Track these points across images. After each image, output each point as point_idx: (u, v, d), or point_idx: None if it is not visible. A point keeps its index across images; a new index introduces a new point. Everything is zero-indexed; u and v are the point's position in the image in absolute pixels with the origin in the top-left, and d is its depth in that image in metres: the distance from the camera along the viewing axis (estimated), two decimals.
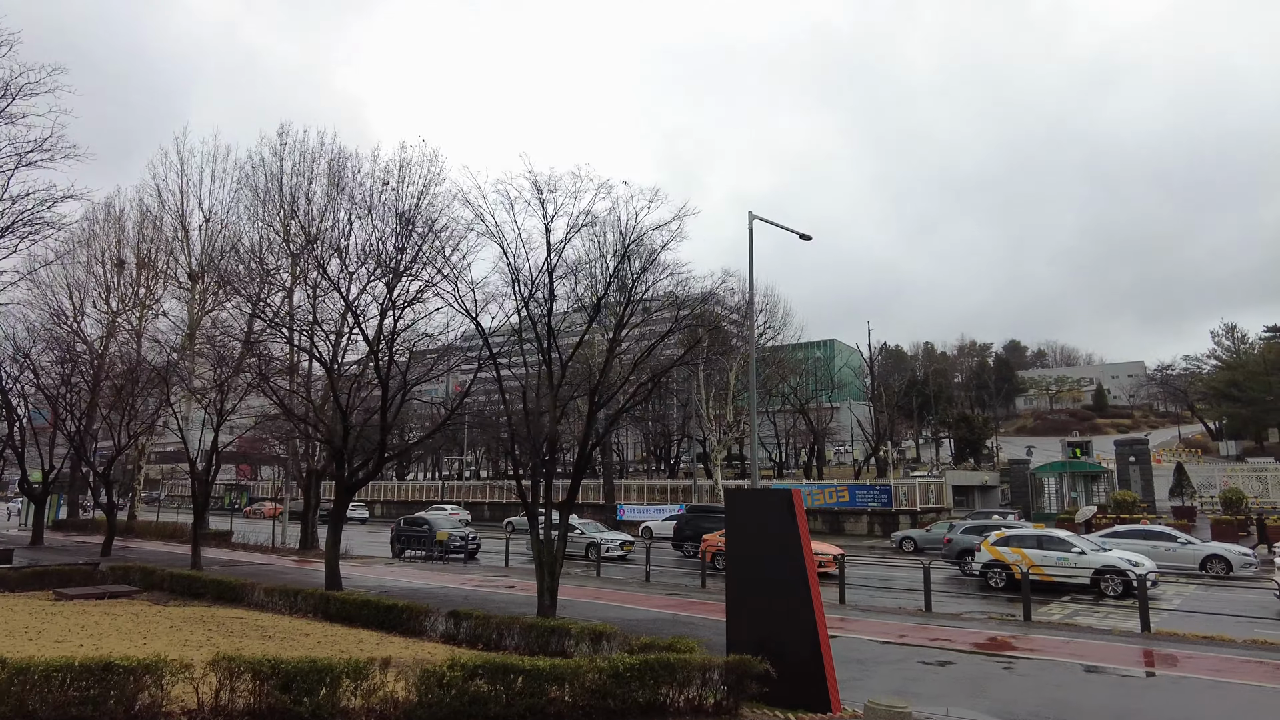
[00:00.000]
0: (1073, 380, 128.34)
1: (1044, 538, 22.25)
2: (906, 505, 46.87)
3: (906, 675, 11.34)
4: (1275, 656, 12.76)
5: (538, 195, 14.54)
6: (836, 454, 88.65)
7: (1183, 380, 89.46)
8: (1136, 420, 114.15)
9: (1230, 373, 73.06)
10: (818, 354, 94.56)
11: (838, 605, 18.77)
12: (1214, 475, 48.99)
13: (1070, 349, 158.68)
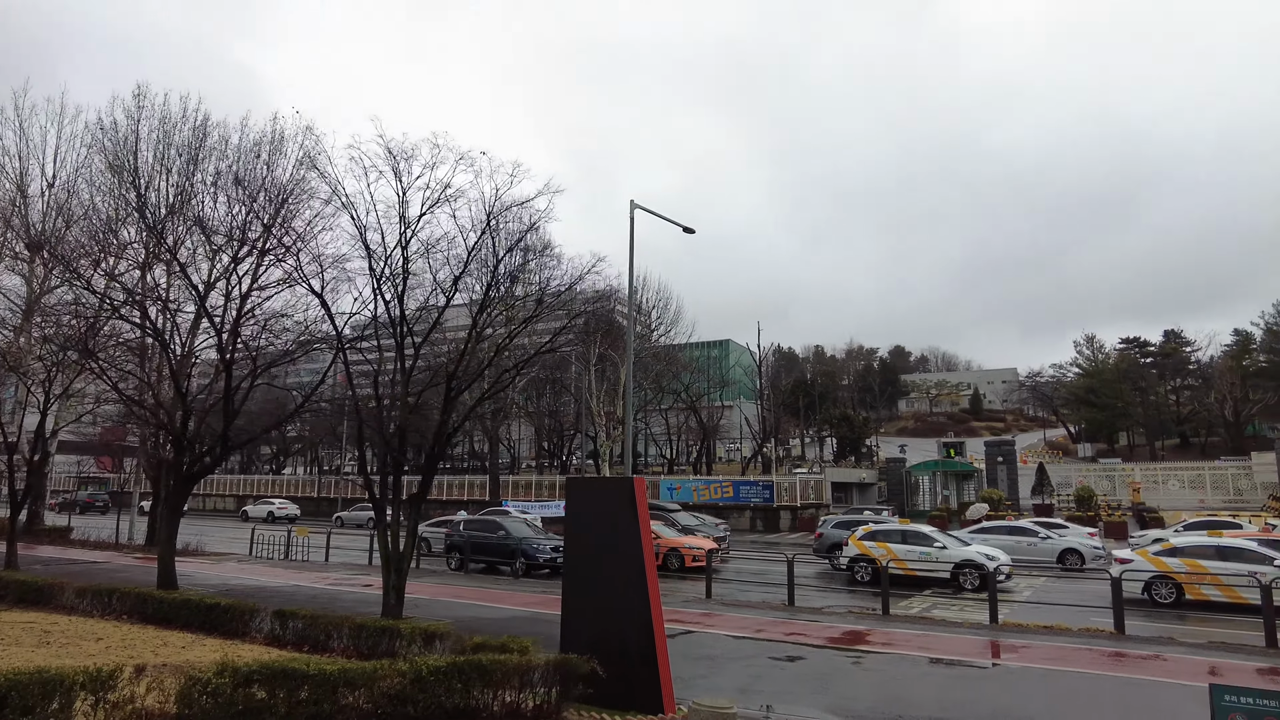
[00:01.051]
0: (951, 385, 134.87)
1: (908, 532, 22.74)
2: (788, 501, 47.80)
3: (753, 672, 11.03)
4: (1103, 644, 13.19)
5: (391, 163, 13.53)
6: (728, 451, 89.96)
7: (1049, 387, 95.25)
8: (1008, 423, 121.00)
9: (1089, 380, 78.23)
10: (713, 353, 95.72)
11: (704, 600, 18.54)
12: (1071, 475, 52.09)
13: (950, 355, 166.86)
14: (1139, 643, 13.38)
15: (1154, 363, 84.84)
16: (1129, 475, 49.31)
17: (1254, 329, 77.61)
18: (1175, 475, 49.50)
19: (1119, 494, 48.41)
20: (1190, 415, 76.67)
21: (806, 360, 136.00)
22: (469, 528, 26.90)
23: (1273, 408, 69.58)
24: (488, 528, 26.54)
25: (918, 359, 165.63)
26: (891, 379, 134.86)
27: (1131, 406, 73.63)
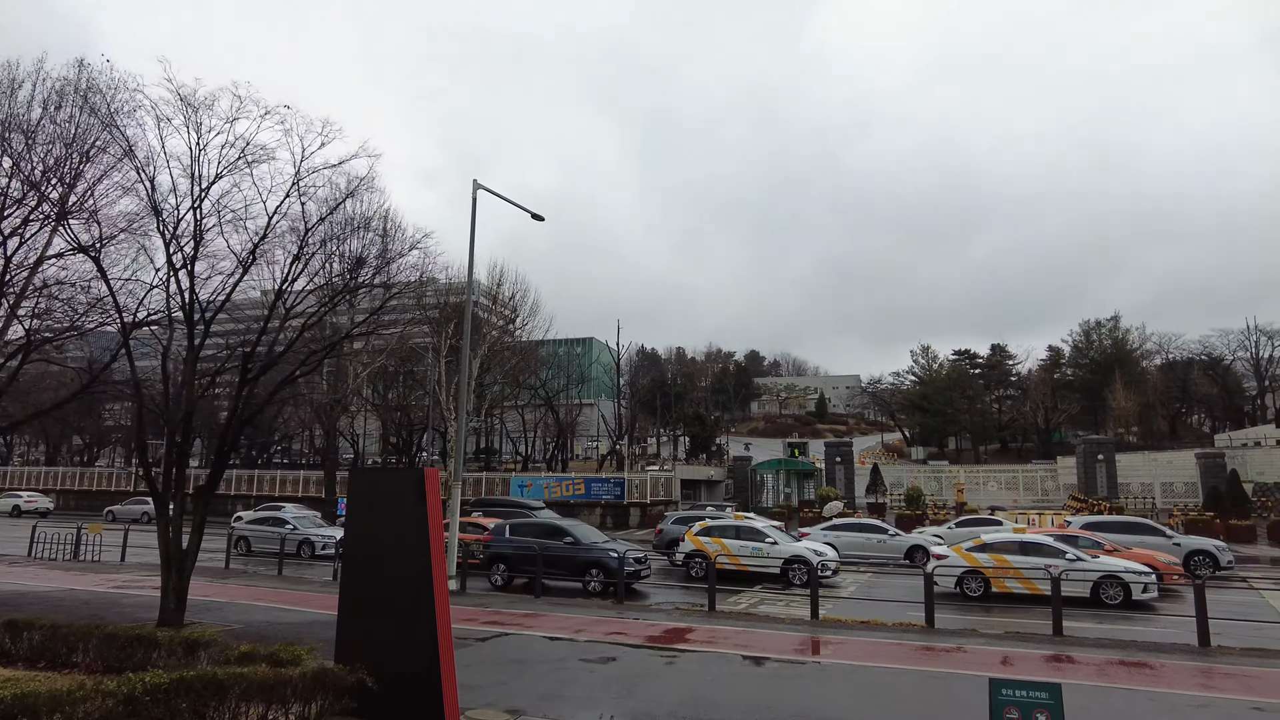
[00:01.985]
0: (799, 389, 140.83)
1: (741, 528, 22.95)
2: (638, 498, 47.94)
3: (561, 676, 10.41)
4: (913, 638, 13.54)
5: (183, 112, 11.96)
6: (585, 450, 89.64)
7: (888, 393, 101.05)
8: (850, 426, 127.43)
9: (923, 388, 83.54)
10: (577, 350, 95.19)
11: (531, 600, 17.83)
12: (903, 476, 55.13)
13: (801, 361, 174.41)
14: (945, 635, 13.82)
15: (981, 373, 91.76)
16: (954, 477, 52.72)
17: (1064, 345, 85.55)
18: (994, 477, 53.44)
19: (945, 494, 51.65)
20: (1009, 422, 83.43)
21: (668, 361, 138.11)
22: (517, 532, 21.40)
23: (1076, 417, 76.83)
24: (544, 532, 21.07)
25: (771, 363, 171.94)
26: (745, 382, 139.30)
27: (960, 413, 79.21)
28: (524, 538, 20.75)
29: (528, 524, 22.42)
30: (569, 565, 19.70)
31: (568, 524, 22.06)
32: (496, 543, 20.98)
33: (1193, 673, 10.91)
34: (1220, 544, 24.42)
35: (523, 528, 21.75)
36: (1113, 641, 13.41)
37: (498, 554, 20.57)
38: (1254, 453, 48.02)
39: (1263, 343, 76.49)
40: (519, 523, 22.67)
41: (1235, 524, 36.48)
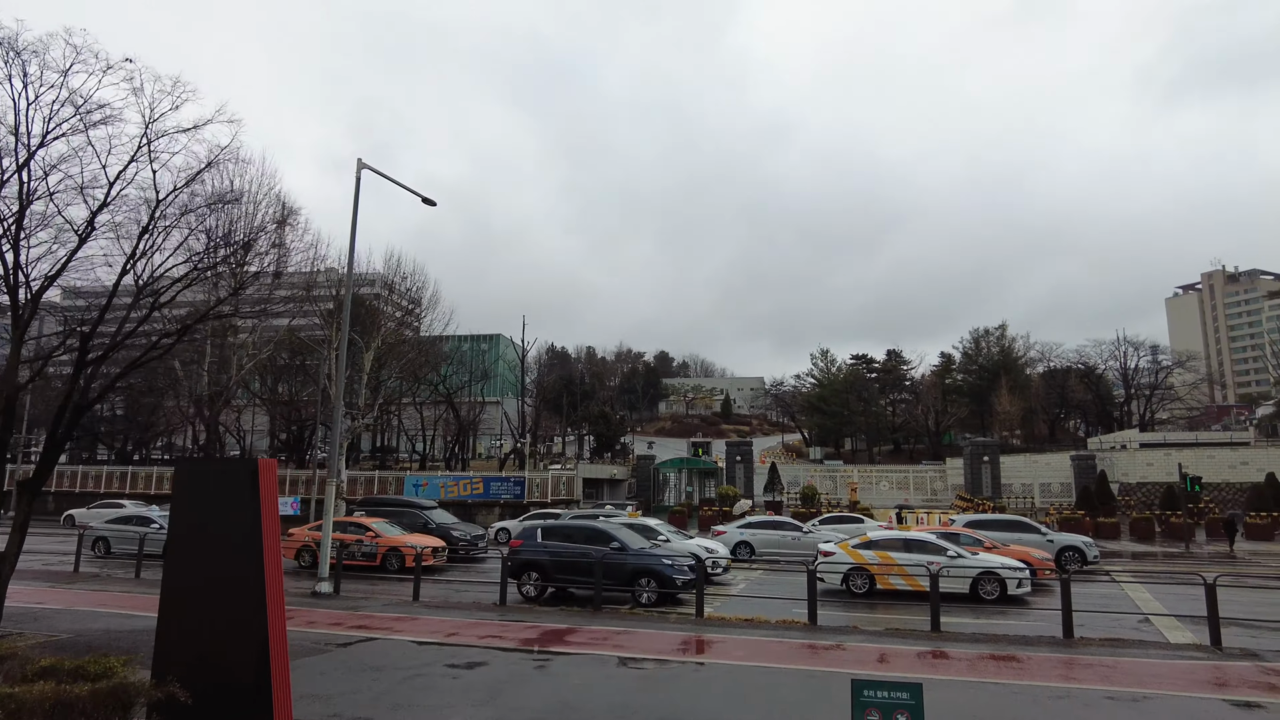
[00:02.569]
0: (706, 390, 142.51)
1: (634, 527, 22.59)
2: (539, 497, 47.16)
3: (421, 683, 9.74)
4: (795, 635, 13.44)
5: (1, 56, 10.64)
6: (488, 449, 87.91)
7: (789, 395, 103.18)
8: (754, 427, 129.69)
9: (822, 390, 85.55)
10: (484, 346, 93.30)
11: (409, 603, 16.97)
12: (800, 475, 56.18)
13: (709, 362, 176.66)
14: (827, 633, 13.79)
15: (878, 377, 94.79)
16: (849, 476, 54.10)
17: (955, 351, 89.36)
18: (886, 477, 55.16)
19: (840, 493, 52.91)
20: (902, 425, 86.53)
21: (578, 360, 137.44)
22: (552, 536, 18.64)
23: (965, 420, 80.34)
24: (584, 536, 18.52)
25: (680, 364, 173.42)
26: (654, 382, 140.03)
27: (855, 415, 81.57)
28: (560, 542, 18.38)
29: (565, 527, 19.71)
30: (617, 574, 17.22)
31: (610, 527, 19.56)
32: (527, 549, 18.38)
33: (1056, 664, 11.14)
34: (1088, 540, 25.68)
35: (558, 531, 19.14)
36: (986, 636, 13.67)
37: (530, 561, 18.02)
38: (1120, 455, 51.16)
39: (1130, 353, 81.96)
40: (554, 525, 19.94)
41: (1103, 521, 38.66)
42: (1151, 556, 30.04)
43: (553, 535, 18.76)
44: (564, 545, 18.16)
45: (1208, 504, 40.69)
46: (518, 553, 18.31)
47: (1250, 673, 10.79)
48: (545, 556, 17.95)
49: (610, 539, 18.15)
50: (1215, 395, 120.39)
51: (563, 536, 18.64)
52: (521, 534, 19.31)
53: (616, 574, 17.22)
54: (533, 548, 18.35)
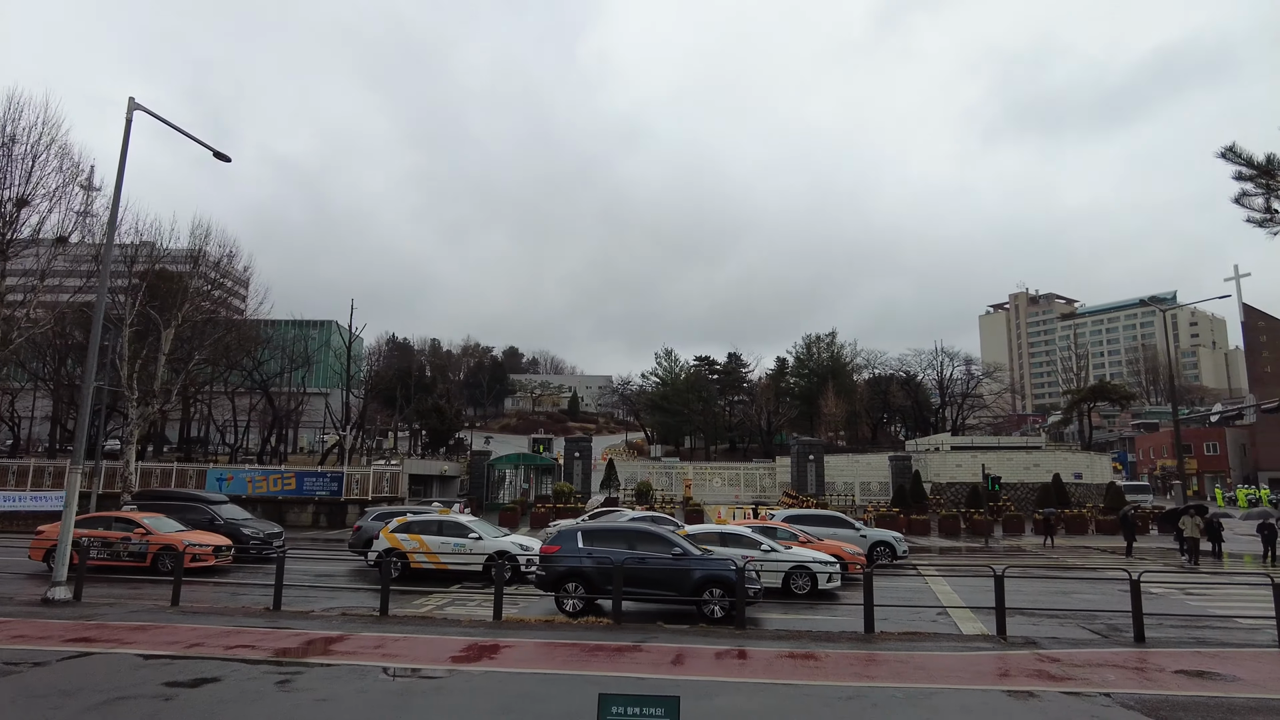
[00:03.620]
0: (553, 387, 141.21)
1: (445, 523, 21.11)
2: (359, 494, 44.13)
3: (115, 710, 7.92)
4: (594, 636, 12.47)
5: None
6: (313, 442, 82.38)
7: (635, 394, 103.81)
8: (600, 425, 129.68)
9: (664, 389, 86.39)
10: (313, 333, 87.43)
11: (165, 609, 14.66)
12: (638, 472, 56.10)
13: (559, 359, 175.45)
14: (630, 632, 12.94)
15: (718, 379, 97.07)
16: (684, 473, 54.53)
17: (789, 356, 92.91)
18: (719, 474, 56.06)
19: (675, 489, 53.24)
20: (738, 424, 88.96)
21: (422, 352, 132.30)
22: (596, 540, 16.00)
23: (795, 421, 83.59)
24: (638, 538, 16.06)
25: (529, 361, 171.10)
26: (501, 378, 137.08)
27: (696, 414, 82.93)
28: (609, 547, 15.65)
29: (613, 530, 17.04)
30: (679, 584, 15.05)
31: (664, 530, 17.24)
32: (565, 554, 15.69)
33: (852, 661, 10.79)
34: (899, 535, 26.62)
35: (605, 535, 16.47)
36: (790, 633, 13.30)
37: (574, 570, 15.41)
38: (933, 456, 54.56)
39: (946, 363, 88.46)
40: (599, 528, 17.30)
41: (915, 518, 40.81)
42: (956, 551, 31.73)
43: (598, 540, 16.05)
44: (613, 552, 15.42)
45: (1006, 502, 43.91)
46: (551, 560, 15.69)
47: (1028, 661, 10.89)
48: (591, 565, 15.23)
49: (668, 543, 15.82)
50: (1016, 404, 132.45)
51: (611, 541, 16.00)
52: (557, 539, 16.67)
53: (680, 584, 15.05)
54: (571, 554, 15.65)
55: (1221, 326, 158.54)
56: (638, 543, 15.71)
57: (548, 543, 16.52)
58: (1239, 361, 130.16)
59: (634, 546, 15.54)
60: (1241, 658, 11.59)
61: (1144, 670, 10.47)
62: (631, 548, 15.50)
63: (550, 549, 16.05)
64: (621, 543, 15.77)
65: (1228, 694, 9.15)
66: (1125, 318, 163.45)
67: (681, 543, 15.89)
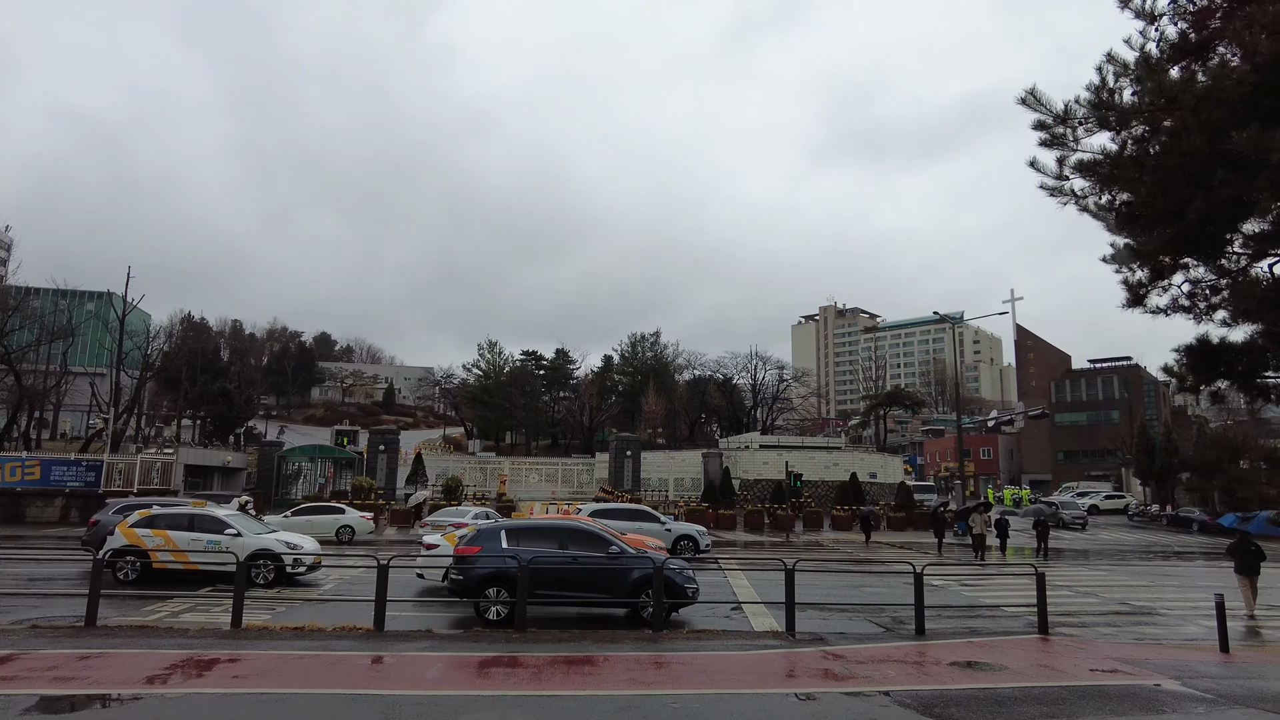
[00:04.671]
0: (368, 377, 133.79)
1: (199, 517, 18.29)
2: (121, 485, 38.89)
3: None
4: (346, 646, 10.78)
5: None
6: (75, 427, 72.48)
7: (455, 387, 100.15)
8: (418, 419, 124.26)
9: (486, 382, 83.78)
10: (89, 306, 77.26)
11: None
12: (450, 467, 53.55)
13: (377, 349, 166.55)
14: (391, 640, 11.33)
15: (545, 375, 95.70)
16: (499, 468, 52.69)
17: (614, 354, 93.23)
18: (536, 470, 54.66)
19: (490, 485, 51.29)
20: (561, 420, 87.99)
21: (220, 334, 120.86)
22: (521, 539, 14.29)
23: (617, 418, 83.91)
24: (570, 537, 14.48)
25: (343, 348, 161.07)
26: (309, 364, 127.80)
27: (518, 409, 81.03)
28: (538, 547, 14.04)
29: (542, 528, 15.56)
30: (614, 586, 13.66)
31: (595, 528, 15.63)
32: (487, 555, 13.84)
33: (633, 666, 9.86)
34: (702, 529, 26.52)
35: (532, 533, 14.91)
36: (569, 635, 12.23)
37: (497, 573, 13.52)
38: (743, 454, 56.16)
39: (759, 366, 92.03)
40: (526, 526, 15.98)
41: (723, 513, 41.54)
42: (760, 545, 32.28)
43: (523, 539, 14.44)
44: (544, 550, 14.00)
45: (808, 499, 45.73)
46: (469, 562, 13.71)
47: (814, 660, 10.46)
48: (507, 565, 13.49)
49: (603, 541, 14.43)
50: (822, 409, 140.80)
51: (540, 540, 14.47)
52: (476, 538, 14.63)
53: (614, 584, 13.70)
54: (494, 554, 13.85)
55: (999, 345, 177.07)
56: (570, 542, 14.38)
57: (466, 543, 14.71)
58: (1011, 376, 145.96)
59: (565, 546, 14.23)
60: (1008, 646, 11.84)
61: (922, 664, 10.32)
62: (563, 547, 14.19)
63: (468, 549, 14.22)
64: (552, 541, 14.39)
65: (996, 684, 9.05)
66: (920, 333, 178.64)
67: (618, 541, 14.63)
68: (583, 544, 14.33)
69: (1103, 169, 7.06)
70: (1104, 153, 7.15)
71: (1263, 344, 9.40)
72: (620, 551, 14.02)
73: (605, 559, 13.86)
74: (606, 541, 14.37)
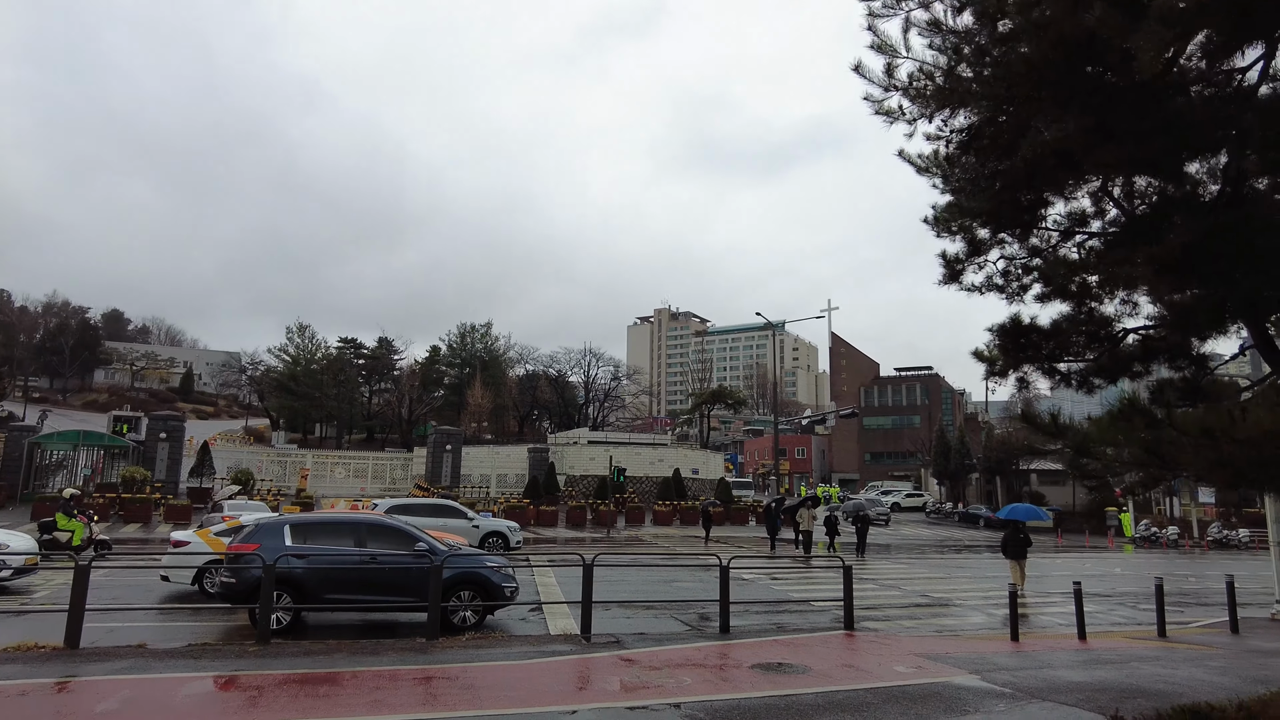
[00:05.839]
0: (163, 360, 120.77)
1: None
2: None
3: None
4: (34, 673, 8.34)
5: None
6: None
7: (261, 374, 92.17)
8: (220, 408, 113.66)
9: (295, 369, 77.42)
10: None
11: None
12: (245, 459, 48.68)
13: (178, 330, 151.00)
14: (91, 661, 8.95)
15: (365, 364, 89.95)
16: (301, 462, 48.44)
17: (440, 344, 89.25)
18: (343, 464, 50.72)
19: (290, 480, 47.00)
20: (378, 413, 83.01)
21: None
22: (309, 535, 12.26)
23: (441, 411, 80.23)
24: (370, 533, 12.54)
25: (139, 329, 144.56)
26: (92, 343, 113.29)
27: (330, 400, 75.42)
28: (330, 544, 12.20)
29: (335, 523, 13.28)
30: (422, 587, 11.40)
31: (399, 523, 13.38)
32: (267, 554, 11.09)
33: (386, 682, 8.17)
34: (514, 525, 24.94)
35: (324, 528, 12.73)
36: (321, 648, 10.32)
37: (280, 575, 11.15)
38: (570, 450, 54.99)
39: (593, 363, 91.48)
40: (315, 520, 13.55)
41: (545, 509, 40.06)
42: (580, 541, 31.10)
43: (311, 535, 12.34)
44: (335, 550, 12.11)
45: (632, 494, 45.21)
46: (249, 563, 11.27)
47: (605, 667, 9.23)
48: (302, 568, 11.61)
49: (409, 537, 12.56)
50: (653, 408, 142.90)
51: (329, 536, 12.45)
52: (253, 533, 12.20)
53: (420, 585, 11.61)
54: (272, 550, 11.47)
55: (816, 353, 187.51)
56: (370, 539, 12.45)
57: (241, 540, 12.35)
58: (826, 382, 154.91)
59: (364, 543, 12.33)
60: (813, 644, 11.20)
61: (723, 668, 9.35)
62: (361, 544, 12.28)
63: (244, 547, 11.91)
64: (347, 538, 12.43)
65: (798, 690, 8.18)
66: (746, 339, 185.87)
67: (426, 537, 12.77)
68: (384, 541, 12.52)
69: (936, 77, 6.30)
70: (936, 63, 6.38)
71: (1067, 327, 9.18)
72: (429, 549, 12.23)
73: (411, 557, 12.06)
74: (413, 538, 12.58)
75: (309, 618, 12.68)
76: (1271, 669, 10.52)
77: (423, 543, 12.43)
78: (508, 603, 12.74)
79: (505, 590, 12.50)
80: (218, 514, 22.85)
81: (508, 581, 12.65)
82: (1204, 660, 11.03)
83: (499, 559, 13.91)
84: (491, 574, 12.56)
